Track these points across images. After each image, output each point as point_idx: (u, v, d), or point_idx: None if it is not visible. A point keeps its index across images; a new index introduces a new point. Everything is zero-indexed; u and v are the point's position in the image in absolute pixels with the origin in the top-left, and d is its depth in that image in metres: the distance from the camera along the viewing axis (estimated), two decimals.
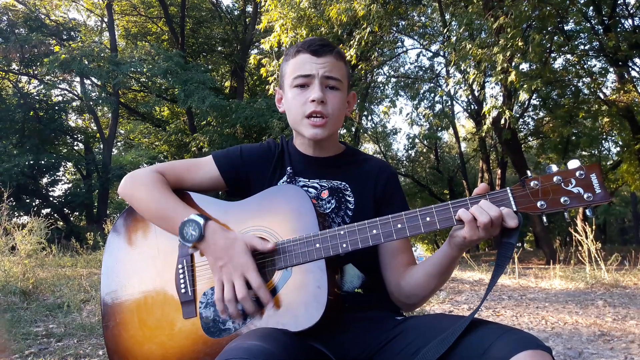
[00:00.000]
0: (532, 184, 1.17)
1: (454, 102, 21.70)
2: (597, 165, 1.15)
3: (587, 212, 1.15)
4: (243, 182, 1.52)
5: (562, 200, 1.14)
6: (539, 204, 1.15)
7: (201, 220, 1.30)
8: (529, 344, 1.00)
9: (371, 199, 1.47)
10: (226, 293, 1.25)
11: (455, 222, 1.20)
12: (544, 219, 1.19)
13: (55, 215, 21.23)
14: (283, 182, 1.49)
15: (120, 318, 1.40)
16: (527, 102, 16.88)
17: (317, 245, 1.25)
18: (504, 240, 1.19)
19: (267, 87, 11.53)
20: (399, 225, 1.22)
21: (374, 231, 1.23)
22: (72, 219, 23.02)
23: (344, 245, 1.24)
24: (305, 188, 1.46)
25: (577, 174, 1.14)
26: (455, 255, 1.27)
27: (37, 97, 20.92)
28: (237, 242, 1.27)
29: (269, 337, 1.09)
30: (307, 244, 1.26)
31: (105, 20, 21.88)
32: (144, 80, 20.80)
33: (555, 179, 1.15)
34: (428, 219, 1.21)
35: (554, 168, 1.17)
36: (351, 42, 10.65)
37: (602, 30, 13.80)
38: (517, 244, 1.23)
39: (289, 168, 1.51)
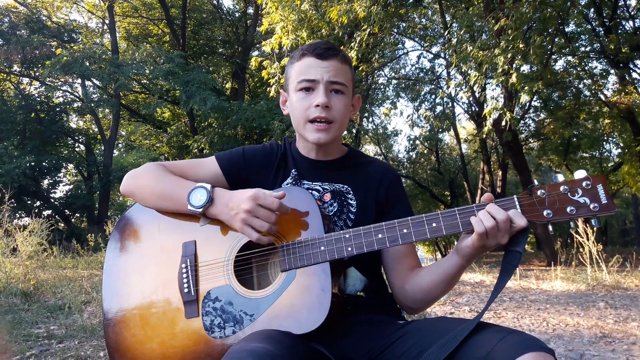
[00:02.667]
0: (538, 192, 1.17)
1: (455, 103, 21.73)
2: (604, 176, 1.16)
3: (593, 221, 1.16)
4: (245, 182, 1.52)
5: (568, 209, 1.15)
6: (545, 212, 1.16)
7: (208, 186, 1.33)
8: (531, 346, 1.00)
9: (373, 202, 1.47)
10: (259, 227, 1.25)
11: (461, 228, 1.20)
12: (550, 227, 1.20)
13: (57, 216, 21.24)
14: (287, 184, 1.50)
15: (121, 317, 1.40)
16: (528, 104, 16.87)
17: (322, 248, 1.25)
18: (510, 248, 1.19)
19: (268, 89, 11.53)
20: (405, 230, 1.22)
21: (380, 235, 1.23)
22: (73, 220, 23.04)
23: (349, 249, 1.24)
24: (309, 191, 1.46)
25: (584, 184, 1.15)
26: (462, 264, 1.26)
27: (39, 99, 20.94)
28: (242, 191, 1.30)
29: (272, 339, 1.09)
30: (312, 247, 1.26)
31: (107, 22, 21.89)
32: (145, 82, 20.82)
33: (562, 188, 1.16)
34: (434, 224, 1.21)
35: (561, 177, 1.18)
36: (352, 44, 10.65)
37: (603, 32, 13.81)
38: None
39: (293, 170, 1.52)
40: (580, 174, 1.16)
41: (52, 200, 21.62)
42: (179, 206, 1.38)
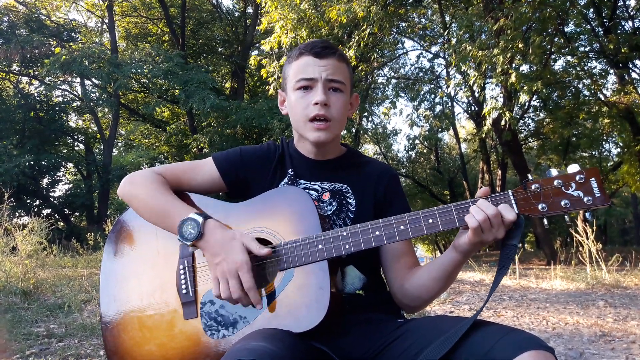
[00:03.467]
0: (533, 187, 1.18)
1: (454, 103, 21.76)
2: (596, 169, 1.17)
3: (587, 215, 1.17)
4: (242, 183, 1.51)
5: (562, 203, 1.15)
6: (540, 206, 1.16)
7: (200, 219, 1.29)
8: (531, 344, 1.00)
9: (372, 202, 1.47)
10: (222, 291, 1.24)
11: (457, 224, 1.20)
12: (545, 221, 1.21)
13: (56, 215, 21.24)
14: (284, 184, 1.49)
15: (119, 319, 1.40)
16: (527, 104, 16.88)
17: (320, 246, 1.25)
18: (505, 242, 1.20)
19: (267, 87, 11.54)
20: (402, 227, 1.22)
21: (377, 232, 1.23)
22: (72, 219, 23.02)
23: (347, 247, 1.24)
24: (307, 190, 1.46)
25: (577, 177, 1.15)
26: (460, 259, 1.26)
27: (38, 98, 20.93)
28: (235, 241, 1.26)
29: (272, 337, 1.09)
30: (310, 245, 1.26)
31: (106, 21, 21.88)
32: (144, 81, 20.80)
33: (555, 182, 1.16)
34: (430, 220, 1.21)
35: (555, 172, 1.18)
36: (351, 43, 10.66)
37: (602, 32, 13.81)
38: (519, 245, 1.23)
39: (290, 170, 1.51)
40: (573, 168, 1.17)
41: (52, 199, 21.61)
42: (170, 230, 1.37)
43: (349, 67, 1.51)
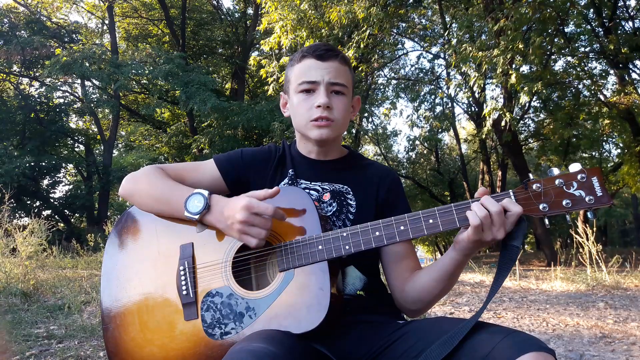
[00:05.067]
0: (534, 186, 1.17)
1: (455, 104, 21.77)
2: (598, 168, 1.16)
3: (589, 214, 1.17)
4: (243, 184, 1.52)
5: (564, 203, 1.15)
6: (541, 206, 1.16)
7: (205, 192, 1.32)
8: (532, 346, 1.00)
9: (373, 203, 1.47)
10: (257, 235, 1.24)
11: (458, 224, 1.20)
12: (546, 221, 1.20)
13: (56, 216, 21.22)
14: (284, 184, 1.50)
15: (120, 320, 1.40)
16: (527, 104, 16.88)
17: (320, 247, 1.25)
18: (507, 242, 1.19)
19: (266, 88, 11.54)
20: (402, 228, 1.22)
21: (377, 233, 1.23)
22: (72, 220, 23.02)
23: (347, 247, 1.24)
24: (307, 190, 1.46)
25: (579, 177, 1.14)
26: (461, 260, 1.26)
27: (38, 99, 20.93)
28: (236, 200, 1.27)
29: (273, 339, 1.09)
30: (310, 246, 1.26)
31: (106, 22, 21.90)
32: (145, 82, 20.81)
33: (557, 181, 1.16)
34: (431, 221, 1.21)
35: (556, 171, 1.18)
36: (351, 44, 10.66)
37: (602, 33, 13.81)
38: (521, 247, 1.23)
39: (290, 170, 1.52)
40: (575, 167, 1.16)
41: (52, 201, 21.60)
42: (176, 211, 1.37)
43: (351, 70, 1.52)
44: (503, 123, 10.19)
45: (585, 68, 14.68)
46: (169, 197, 1.39)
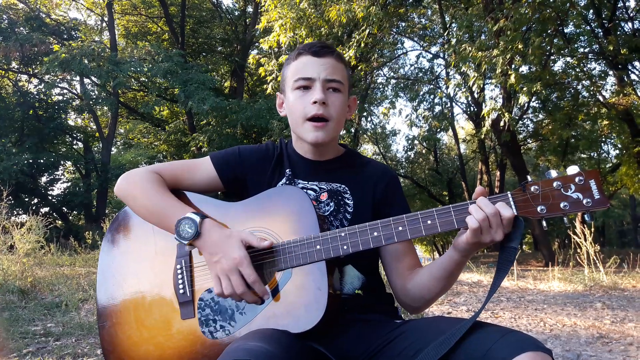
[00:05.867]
0: (532, 188, 1.17)
1: (454, 103, 21.80)
2: (596, 171, 1.16)
3: (586, 217, 1.17)
4: (240, 182, 1.51)
5: (561, 205, 1.15)
6: (539, 208, 1.16)
7: (197, 218, 1.29)
8: (529, 345, 1.00)
9: (370, 202, 1.47)
10: (225, 288, 1.23)
11: (456, 225, 1.20)
12: (544, 222, 1.20)
13: (54, 214, 21.19)
14: (282, 184, 1.49)
15: (116, 319, 1.40)
16: (526, 105, 16.90)
17: (318, 246, 1.24)
18: (505, 244, 1.19)
19: (265, 86, 11.54)
20: (400, 228, 1.22)
21: (375, 233, 1.23)
22: (70, 218, 23.01)
23: (345, 247, 1.23)
24: (305, 190, 1.46)
25: (577, 179, 1.15)
26: (460, 260, 1.27)
27: (37, 96, 20.90)
28: (232, 238, 1.26)
29: (270, 338, 1.09)
30: (308, 246, 1.25)
31: (106, 19, 21.87)
32: (143, 80, 20.79)
33: (555, 184, 1.16)
34: (429, 222, 1.21)
35: (554, 173, 1.18)
36: (351, 43, 10.66)
37: (602, 34, 13.82)
38: (519, 248, 1.22)
39: (287, 170, 1.51)
40: (573, 169, 1.16)
41: (50, 198, 21.59)
42: (167, 229, 1.36)
43: (347, 69, 1.51)
44: (502, 123, 10.21)
45: (585, 69, 14.70)
46: (162, 214, 1.37)
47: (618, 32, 13.75)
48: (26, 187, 19.68)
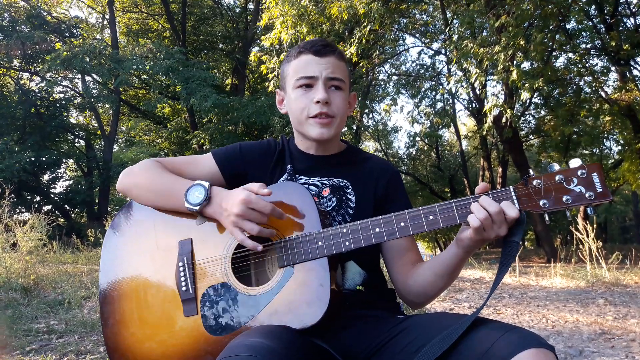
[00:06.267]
0: (534, 182, 1.17)
1: (455, 100, 21.73)
2: (598, 164, 1.16)
3: (589, 210, 1.16)
4: (241, 178, 1.51)
5: (564, 199, 1.14)
6: (541, 202, 1.16)
7: (206, 183, 1.32)
8: (531, 342, 1.00)
9: (372, 198, 1.47)
10: (249, 229, 1.24)
11: (458, 220, 1.20)
12: (546, 217, 1.20)
13: (56, 211, 21.22)
14: (283, 180, 1.49)
15: (119, 316, 1.40)
16: (528, 101, 16.86)
17: (320, 243, 1.25)
18: (507, 239, 1.19)
19: (267, 84, 11.53)
20: (402, 224, 1.22)
21: (377, 229, 1.23)
22: (73, 215, 23.03)
23: (347, 243, 1.24)
24: (306, 186, 1.46)
25: (579, 172, 1.14)
26: (462, 255, 1.27)
27: (39, 94, 20.90)
28: (235, 192, 1.28)
29: (272, 334, 1.09)
30: (310, 242, 1.25)
31: (107, 17, 21.84)
32: (145, 77, 20.78)
33: (557, 177, 1.15)
34: (431, 217, 1.21)
35: (556, 167, 1.17)
36: (352, 40, 10.64)
37: (604, 29, 13.76)
38: (520, 243, 1.22)
39: (289, 166, 1.51)
40: (575, 162, 1.16)
41: (52, 196, 21.62)
42: (176, 204, 1.36)
43: (347, 66, 1.52)
44: (504, 119, 10.18)
45: (587, 65, 14.66)
46: (169, 189, 1.38)
47: (620, 28, 13.70)
48: (28, 185, 19.71)
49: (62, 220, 20.50)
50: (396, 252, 1.43)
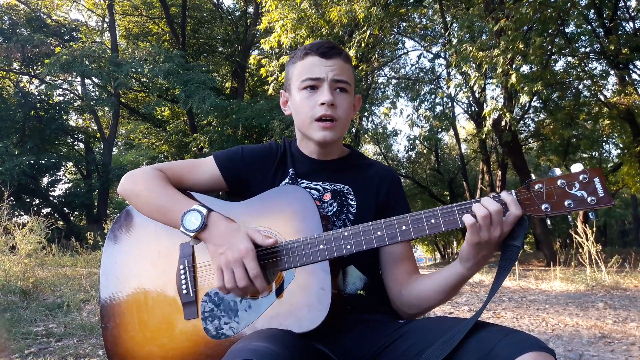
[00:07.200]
0: (536, 187, 1.17)
1: (455, 103, 21.76)
2: (600, 169, 1.16)
3: (590, 214, 1.17)
4: (243, 182, 1.51)
5: (566, 203, 1.14)
6: (543, 207, 1.16)
7: (203, 210, 1.29)
8: (532, 345, 0.99)
9: (373, 204, 1.47)
10: (227, 281, 1.22)
11: (460, 224, 1.19)
12: (548, 221, 1.19)
13: (56, 214, 21.22)
14: (285, 184, 1.49)
15: (119, 319, 1.39)
16: (527, 104, 16.88)
17: (321, 246, 1.24)
18: (508, 242, 1.19)
19: (266, 87, 11.54)
20: (404, 227, 1.22)
21: (379, 233, 1.23)
22: (72, 218, 23.02)
23: (348, 247, 1.23)
24: (308, 190, 1.46)
25: (581, 177, 1.14)
26: (464, 274, 1.25)
27: (38, 97, 20.93)
28: (239, 231, 1.26)
29: (274, 338, 1.08)
30: (311, 245, 1.25)
31: (107, 20, 21.89)
32: (144, 80, 20.81)
33: (559, 182, 1.15)
34: (433, 221, 1.20)
35: (558, 171, 1.17)
36: (352, 43, 10.66)
37: (603, 33, 13.82)
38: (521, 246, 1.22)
39: (290, 170, 1.51)
40: (577, 167, 1.16)
41: (51, 199, 21.61)
42: (172, 224, 1.35)
43: (352, 69, 1.52)
44: (503, 123, 10.19)
45: (586, 68, 14.70)
46: (166, 208, 1.37)
47: (619, 32, 13.75)
48: (28, 188, 19.70)
49: (61, 223, 20.48)
50: (392, 259, 1.43)
